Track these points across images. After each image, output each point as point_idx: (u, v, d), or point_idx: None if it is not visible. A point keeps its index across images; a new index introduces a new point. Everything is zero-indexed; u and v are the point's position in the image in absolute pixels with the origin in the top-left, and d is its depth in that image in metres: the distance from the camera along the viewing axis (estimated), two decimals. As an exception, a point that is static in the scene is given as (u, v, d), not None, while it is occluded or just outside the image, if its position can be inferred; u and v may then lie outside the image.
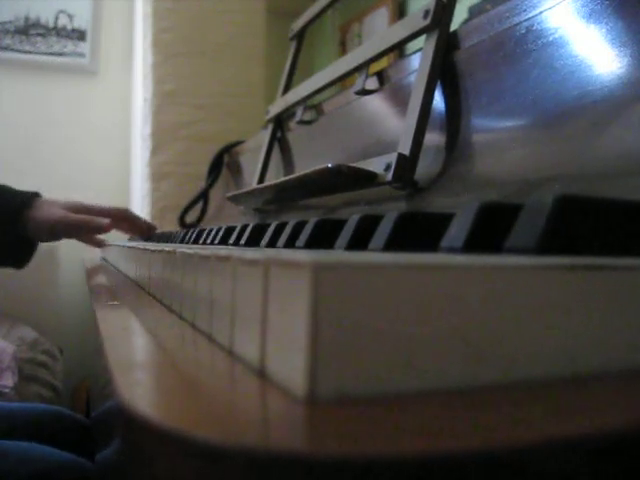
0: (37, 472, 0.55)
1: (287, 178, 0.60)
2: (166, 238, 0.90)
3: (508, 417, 0.15)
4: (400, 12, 2.03)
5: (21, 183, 0.85)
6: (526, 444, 0.13)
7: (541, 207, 0.22)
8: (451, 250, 0.25)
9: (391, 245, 0.29)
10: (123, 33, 2.13)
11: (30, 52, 2.10)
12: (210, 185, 1.24)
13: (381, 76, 0.62)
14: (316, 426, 0.15)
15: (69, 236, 0.87)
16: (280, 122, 0.89)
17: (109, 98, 2.17)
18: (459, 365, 0.17)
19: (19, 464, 0.55)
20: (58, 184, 1.77)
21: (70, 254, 1.85)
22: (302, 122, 0.79)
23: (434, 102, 0.49)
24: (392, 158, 0.47)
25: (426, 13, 0.50)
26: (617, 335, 0.19)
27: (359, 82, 0.62)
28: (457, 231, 0.25)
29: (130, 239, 1.28)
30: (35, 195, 0.82)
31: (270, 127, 0.89)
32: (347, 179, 0.52)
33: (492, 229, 0.24)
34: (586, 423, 0.14)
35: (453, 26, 0.51)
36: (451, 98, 0.49)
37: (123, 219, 0.93)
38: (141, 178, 1.69)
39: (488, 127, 0.45)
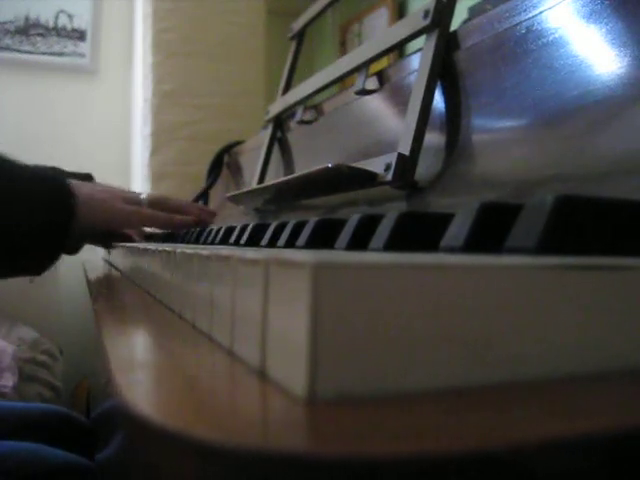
0: (39, 473, 0.55)
1: (287, 178, 0.60)
2: (166, 238, 0.90)
3: (508, 417, 0.15)
4: (400, 12, 2.03)
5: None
6: (526, 444, 0.13)
7: (541, 207, 0.22)
8: (451, 250, 0.25)
9: (391, 245, 0.29)
10: (123, 33, 2.13)
11: (30, 52, 2.10)
12: (210, 185, 1.24)
13: (381, 76, 0.62)
14: (316, 426, 0.15)
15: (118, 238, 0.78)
16: (280, 122, 0.89)
17: (109, 98, 2.17)
18: (459, 365, 0.17)
19: (21, 465, 0.55)
20: (58, 184, 1.77)
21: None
22: (302, 122, 0.79)
23: (434, 102, 0.49)
24: (392, 158, 0.47)
25: (426, 13, 0.50)
26: (617, 335, 0.19)
27: (359, 82, 0.62)
28: (457, 231, 0.25)
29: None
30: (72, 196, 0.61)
31: (270, 127, 0.89)
32: (347, 179, 0.52)
33: (492, 229, 0.24)
34: (586, 423, 0.14)
35: (453, 26, 0.51)
36: (451, 98, 0.49)
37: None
38: (141, 178, 1.69)
39: (488, 127, 0.45)
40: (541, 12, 0.41)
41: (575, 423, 0.14)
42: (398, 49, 0.58)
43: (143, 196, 0.75)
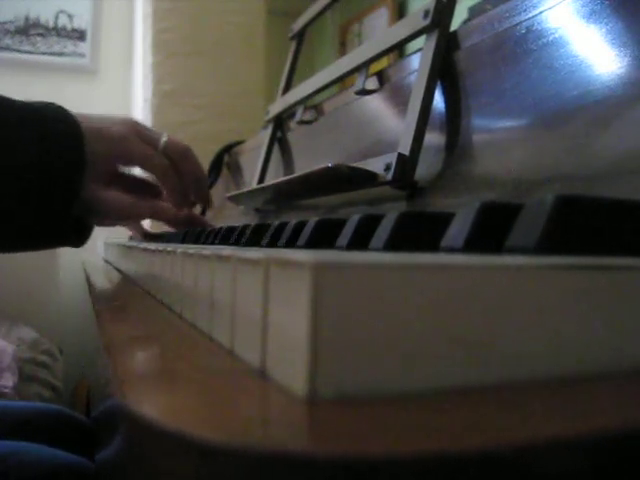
0: (39, 473, 0.55)
1: (287, 178, 0.60)
2: (166, 238, 0.90)
3: (508, 417, 0.15)
4: (400, 12, 2.03)
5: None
6: (526, 444, 0.13)
7: (541, 207, 0.22)
8: (451, 250, 0.25)
9: (391, 245, 0.29)
10: (123, 33, 2.13)
11: (30, 52, 2.10)
12: (210, 185, 1.24)
13: (381, 76, 0.62)
14: (316, 426, 0.15)
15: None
16: (280, 122, 0.89)
17: (109, 98, 2.17)
18: (459, 365, 0.17)
19: (21, 465, 0.55)
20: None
21: (70, 254, 1.85)
22: (302, 122, 0.79)
23: (434, 102, 0.49)
24: (392, 158, 0.47)
25: (426, 13, 0.50)
26: (617, 335, 0.19)
27: (359, 82, 0.62)
28: (457, 231, 0.25)
29: (132, 237, 1.28)
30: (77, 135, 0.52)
31: (270, 127, 0.90)
32: (347, 179, 0.52)
33: (492, 229, 0.24)
34: (586, 423, 0.14)
35: (453, 26, 0.51)
36: (451, 98, 0.49)
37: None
38: (141, 178, 1.68)
39: (488, 127, 0.45)
40: (541, 12, 0.41)
41: (575, 423, 0.14)
42: (398, 49, 0.58)
43: (164, 139, 0.64)
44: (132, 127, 0.60)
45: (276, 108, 0.87)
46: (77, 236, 0.65)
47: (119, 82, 2.15)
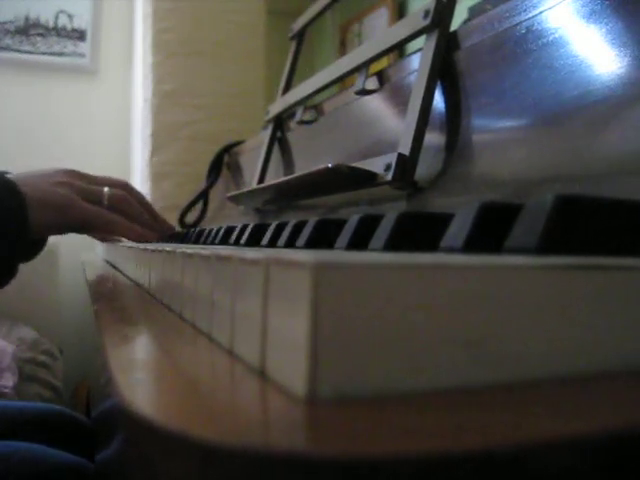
0: (39, 473, 0.55)
1: (287, 178, 0.60)
2: (166, 238, 0.90)
3: (508, 417, 0.15)
4: (400, 12, 2.03)
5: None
6: (526, 444, 0.13)
7: (541, 207, 0.22)
8: (451, 250, 0.25)
9: (391, 245, 0.29)
10: (123, 33, 2.13)
11: (30, 52, 2.10)
12: (210, 185, 1.24)
13: (381, 76, 0.62)
14: (316, 426, 0.15)
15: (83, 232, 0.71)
16: (280, 122, 0.89)
17: (109, 98, 2.17)
18: (459, 365, 0.17)
19: (21, 465, 0.55)
20: (58, 184, 1.77)
21: (70, 254, 1.85)
22: (302, 122, 0.79)
23: (434, 102, 0.49)
24: (392, 158, 0.47)
25: (426, 13, 0.50)
26: (617, 335, 0.19)
27: (359, 82, 0.62)
28: (457, 231, 0.25)
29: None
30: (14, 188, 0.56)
31: (270, 127, 0.89)
32: (347, 179, 0.52)
33: (492, 229, 0.24)
34: (586, 423, 0.14)
35: (453, 26, 0.51)
36: (451, 98, 0.49)
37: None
38: (141, 178, 1.69)
39: (488, 127, 0.45)
40: (541, 12, 0.41)
41: (576, 423, 0.14)
42: (398, 49, 0.58)
43: (106, 191, 0.68)
44: (73, 184, 0.64)
45: (276, 108, 0.87)
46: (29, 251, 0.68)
47: (119, 82, 2.15)
